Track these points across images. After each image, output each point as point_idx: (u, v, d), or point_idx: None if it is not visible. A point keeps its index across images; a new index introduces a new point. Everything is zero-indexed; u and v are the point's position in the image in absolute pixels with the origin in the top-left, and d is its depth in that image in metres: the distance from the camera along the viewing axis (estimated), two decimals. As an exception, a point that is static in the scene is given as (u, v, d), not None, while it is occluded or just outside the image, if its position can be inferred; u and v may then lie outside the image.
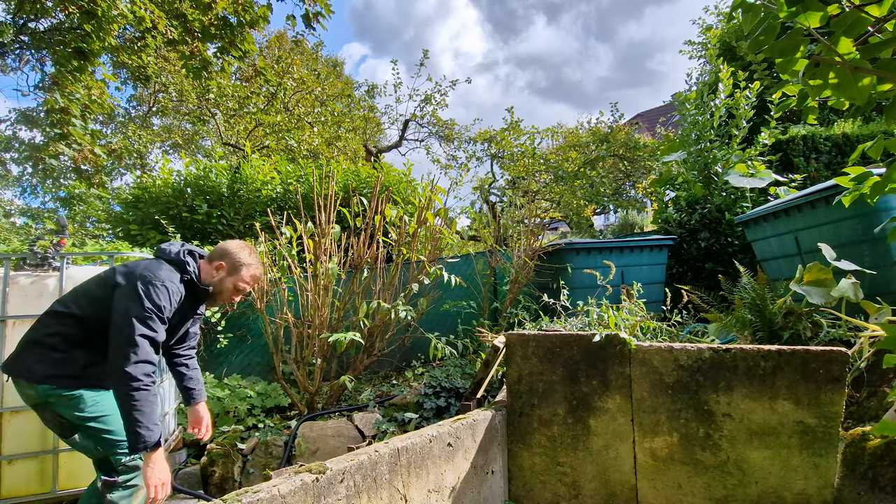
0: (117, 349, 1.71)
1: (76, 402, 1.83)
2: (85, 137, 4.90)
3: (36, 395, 1.84)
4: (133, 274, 1.85)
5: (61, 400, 1.83)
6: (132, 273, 1.86)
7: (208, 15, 4.90)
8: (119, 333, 1.73)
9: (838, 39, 1.29)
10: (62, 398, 1.83)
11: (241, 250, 2.16)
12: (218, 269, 2.10)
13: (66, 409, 1.83)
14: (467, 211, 8.23)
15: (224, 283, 2.11)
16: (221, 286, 2.11)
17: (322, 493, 1.58)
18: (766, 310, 2.71)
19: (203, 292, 2.08)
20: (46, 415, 1.89)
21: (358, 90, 15.72)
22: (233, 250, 2.14)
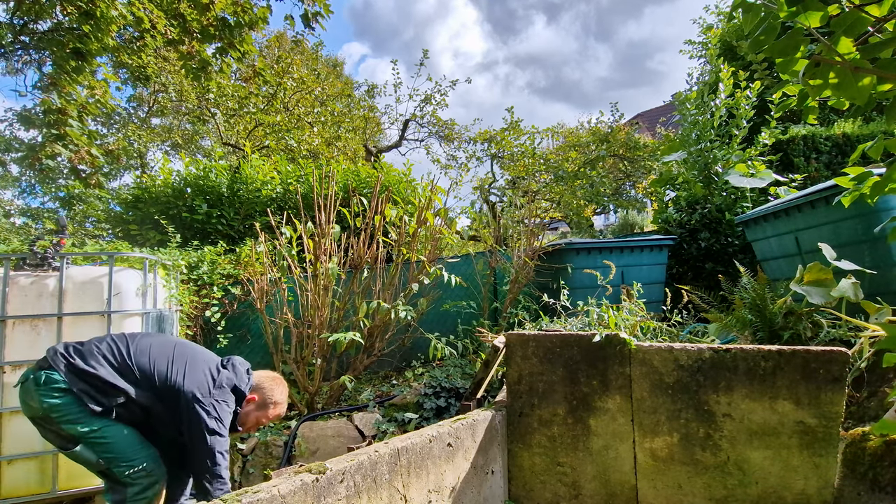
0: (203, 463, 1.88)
1: (81, 419, 1.84)
2: (82, 138, 4.89)
3: (39, 409, 1.83)
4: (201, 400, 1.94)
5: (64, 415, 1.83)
6: (201, 397, 1.94)
7: (206, 15, 4.89)
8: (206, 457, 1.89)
9: (838, 39, 1.29)
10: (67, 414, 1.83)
11: (275, 388, 2.26)
12: (248, 402, 2.17)
13: (69, 424, 1.84)
14: (467, 211, 8.24)
15: (250, 416, 2.19)
16: (247, 418, 2.18)
17: (322, 494, 1.58)
18: (766, 310, 2.71)
19: (234, 426, 2.14)
20: (49, 428, 1.89)
21: (358, 90, 15.72)
22: (267, 386, 2.23)
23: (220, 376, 2.06)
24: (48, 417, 1.83)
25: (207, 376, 2.02)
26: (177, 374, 1.96)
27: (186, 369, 1.99)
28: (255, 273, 3.96)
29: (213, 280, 4.15)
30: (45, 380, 1.83)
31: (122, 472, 1.87)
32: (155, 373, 1.94)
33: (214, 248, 4.40)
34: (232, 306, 4.20)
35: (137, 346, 1.99)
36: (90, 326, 2.61)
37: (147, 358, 1.97)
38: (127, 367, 1.92)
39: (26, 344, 2.51)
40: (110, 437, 1.87)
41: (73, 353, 1.90)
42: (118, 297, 2.68)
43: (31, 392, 1.84)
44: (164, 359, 1.99)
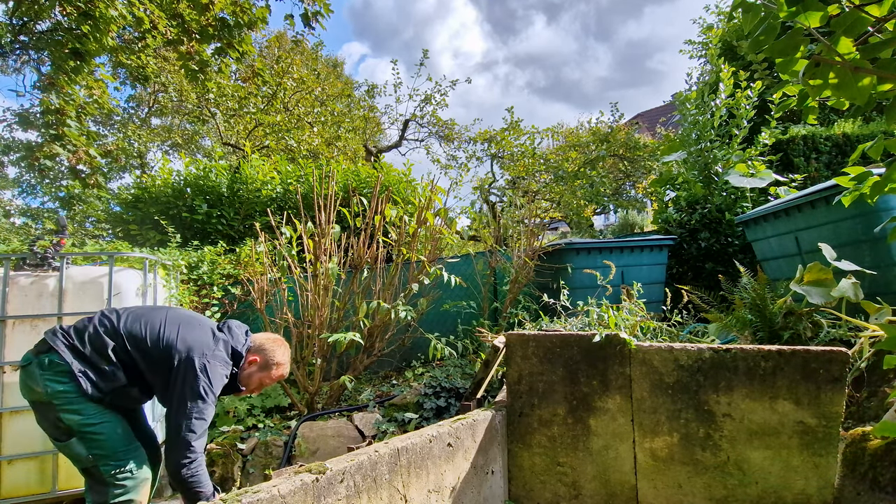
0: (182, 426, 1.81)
1: (81, 409, 1.83)
2: (80, 139, 4.89)
3: (43, 394, 1.82)
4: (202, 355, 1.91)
5: (67, 403, 1.82)
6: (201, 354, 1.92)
7: (206, 15, 4.89)
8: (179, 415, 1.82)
9: (838, 39, 1.29)
10: (70, 402, 1.82)
11: (277, 348, 2.23)
12: (251, 364, 2.14)
13: (69, 413, 1.82)
14: (467, 211, 8.24)
15: (253, 377, 2.16)
16: (249, 379, 2.16)
17: (322, 494, 1.58)
18: (766, 310, 2.71)
19: (235, 386, 2.12)
20: (47, 415, 1.88)
21: (358, 90, 15.73)
22: (269, 347, 2.20)
23: (217, 338, 2.03)
24: (50, 404, 1.82)
25: (203, 337, 1.99)
26: (170, 335, 1.93)
27: (181, 330, 1.96)
28: (255, 273, 3.96)
29: (213, 280, 4.15)
30: (49, 363, 1.82)
31: (109, 472, 1.85)
32: (147, 336, 1.92)
33: (214, 248, 4.40)
34: (232, 306, 4.20)
35: (129, 315, 1.98)
36: (90, 326, 2.61)
37: (139, 324, 1.95)
38: (119, 336, 1.90)
39: (26, 344, 2.50)
40: (104, 433, 1.86)
41: (73, 333, 1.90)
42: (118, 297, 2.68)
43: (35, 376, 1.83)
44: (158, 322, 1.97)
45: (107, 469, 1.84)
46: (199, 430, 1.84)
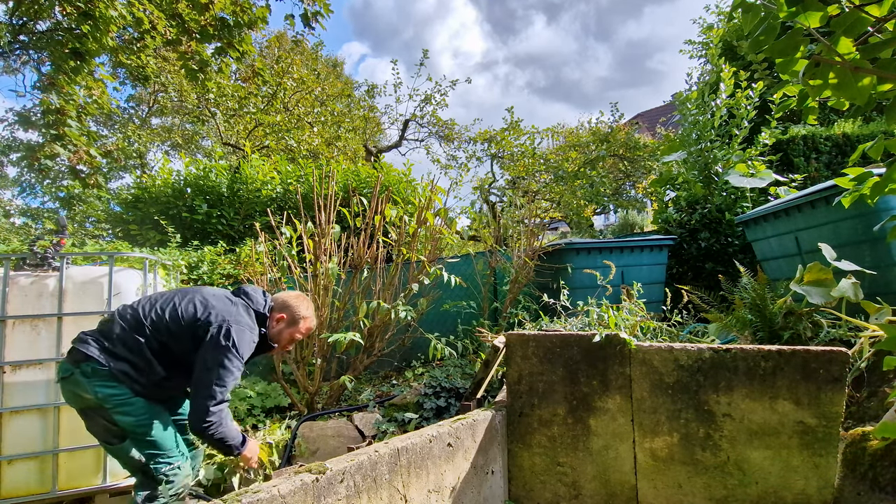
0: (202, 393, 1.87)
1: (132, 410, 1.90)
2: (81, 139, 4.89)
3: (94, 400, 1.88)
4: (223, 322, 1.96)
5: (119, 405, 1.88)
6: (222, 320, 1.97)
7: (205, 15, 4.89)
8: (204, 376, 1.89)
9: (838, 39, 1.29)
10: (122, 403, 1.88)
11: (301, 303, 2.30)
12: (279, 321, 2.23)
13: (122, 415, 1.89)
14: (467, 211, 8.24)
15: (283, 333, 2.24)
16: (280, 336, 2.24)
17: (322, 494, 1.58)
18: (766, 310, 2.71)
19: (268, 345, 2.20)
20: (99, 419, 1.95)
21: (358, 90, 15.73)
22: (293, 303, 2.27)
23: (236, 304, 2.11)
24: (101, 407, 1.89)
25: (222, 306, 2.05)
26: (191, 311, 1.99)
27: (200, 305, 2.02)
28: (255, 273, 3.96)
29: (213, 280, 4.15)
30: (92, 370, 1.87)
31: (159, 469, 1.93)
32: (169, 319, 1.97)
33: (214, 248, 4.40)
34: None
35: (146, 304, 2.04)
36: (90, 326, 2.60)
37: (158, 310, 2.00)
38: (144, 327, 1.95)
39: (26, 344, 2.51)
40: (154, 432, 1.94)
41: (102, 337, 1.95)
42: (118, 297, 2.68)
43: (82, 384, 1.87)
44: (175, 302, 2.03)
45: (158, 467, 1.94)
46: (219, 395, 1.89)
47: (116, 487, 2.58)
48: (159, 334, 1.95)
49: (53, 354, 2.53)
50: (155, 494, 1.94)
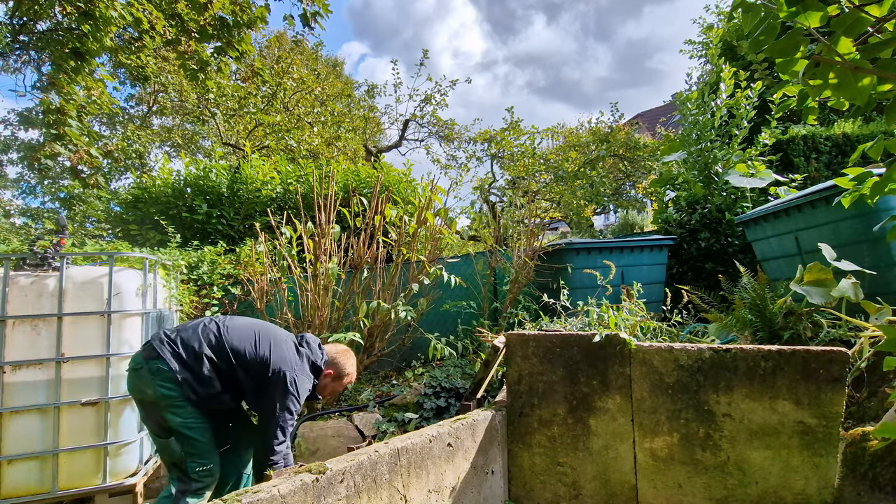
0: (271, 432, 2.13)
1: (182, 413, 2.09)
2: (81, 139, 4.89)
3: (152, 396, 2.06)
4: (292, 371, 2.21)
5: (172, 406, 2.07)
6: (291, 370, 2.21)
7: (204, 15, 4.88)
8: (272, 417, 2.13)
9: (838, 39, 1.29)
10: (174, 406, 2.07)
11: (347, 361, 2.54)
12: (326, 376, 2.46)
13: (172, 415, 2.07)
14: (467, 211, 8.23)
15: (327, 387, 2.49)
16: (324, 389, 2.49)
17: (322, 494, 1.58)
18: (766, 310, 2.71)
19: (314, 396, 2.43)
20: (153, 414, 2.12)
21: (358, 90, 15.72)
22: (340, 361, 2.51)
23: (301, 355, 2.33)
24: (157, 405, 2.07)
25: (291, 355, 2.27)
26: (265, 351, 2.20)
27: (273, 347, 2.24)
28: (255, 273, 3.96)
29: (213, 280, 4.15)
30: (158, 370, 2.05)
31: (193, 468, 2.11)
32: (246, 351, 2.18)
33: (214, 248, 4.40)
34: (232, 306, 4.19)
35: (228, 328, 2.24)
36: (90, 326, 2.61)
37: (238, 339, 2.21)
38: (223, 349, 2.16)
39: (26, 344, 2.51)
40: (198, 436, 2.11)
41: (178, 342, 2.13)
42: (118, 297, 2.68)
43: (146, 380, 2.06)
44: (254, 337, 2.24)
45: (192, 466, 2.11)
46: (282, 436, 2.14)
47: (116, 487, 2.58)
48: (233, 361, 2.16)
49: (53, 354, 2.53)
50: (186, 488, 2.11)
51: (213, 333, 2.19)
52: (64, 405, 2.52)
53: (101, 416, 2.57)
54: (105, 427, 2.57)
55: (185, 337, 2.15)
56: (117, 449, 2.61)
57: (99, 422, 2.57)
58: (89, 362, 2.59)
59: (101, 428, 2.57)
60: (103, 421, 2.57)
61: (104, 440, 2.56)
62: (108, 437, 2.57)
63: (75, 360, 2.56)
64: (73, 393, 2.54)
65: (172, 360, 2.08)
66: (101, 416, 2.57)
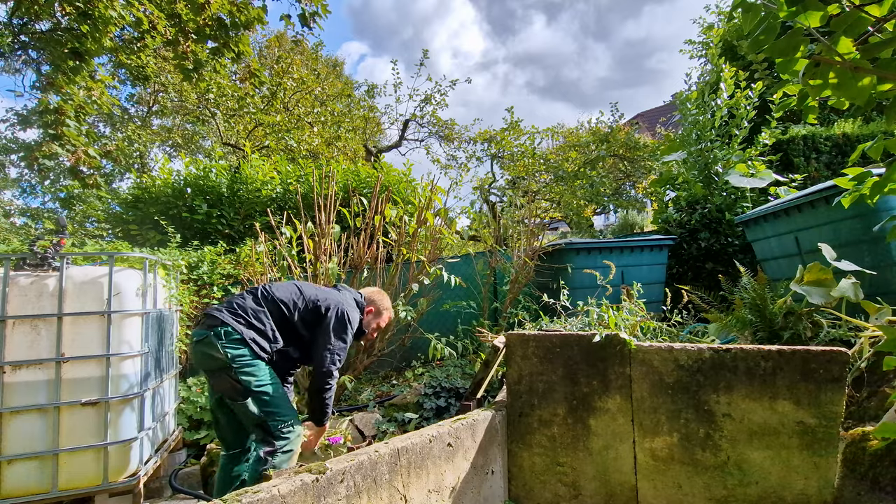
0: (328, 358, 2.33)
1: (254, 371, 2.19)
2: (80, 139, 4.88)
3: (224, 358, 2.14)
4: (339, 305, 2.43)
5: (245, 365, 2.17)
6: (338, 304, 2.43)
7: (202, 15, 4.88)
8: (326, 349, 2.34)
9: (838, 39, 1.29)
10: (247, 364, 2.18)
11: (383, 297, 2.77)
12: (369, 313, 2.67)
13: (245, 375, 2.16)
14: (467, 211, 8.22)
15: (371, 323, 2.70)
16: (369, 326, 2.69)
17: (322, 494, 1.58)
18: (766, 310, 2.71)
19: (361, 331, 2.62)
20: (225, 378, 2.19)
21: (358, 90, 15.72)
22: (377, 298, 2.74)
23: (343, 293, 2.57)
24: (230, 367, 2.15)
25: (336, 295, 2.50)
26: (315, 296, 2.42)
27: (317, 291, 2.48)
28: (255, 273, 3.96)
29: (213, 280, 4.15)
30: (225, 333, 2.17)
31: (276, 427, 2.18)
32: (297, 300, 2.39)
33: (214, 248, 4.40)
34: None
35: (275, 288, 2.43)
36: (90, 326, 2.61)
37: (287, 292, 2.41)
38: (276, 304, 2.35)
39: (26, 344, 2.51)
40: (272, 392, 2.21)
41: (236, 307, 2.29)
42: (118, 297, 2.68)
43: (215, 345, 2.15)
44: (296, 289, 2.45)
45: (275, 424, 2.18)
46: (338, 363, 2.35)
47: (116, 487, 2.58)
48: (288, 312, 2.35)
49: (53, 354, 2.53)
50: (273, 449, 2.18)
51: (262, 294, 2.38)
52: (64, 405, 2.52)
53: (102, 416, 2.57)
54: (105, 427, 2.56)
55: (238, 303, 2.30)
56: (117, 449, 2.61)
57: (99, 422, 2.57)
58: (89, 362, 2.59)
59: (102, 428, 2.57)
60: (103, 421, 2.57)
61: (104, 440, 2.56)
62: (108, 437, 2.57)
63: (75, 360, 2.56)
64: (73, 393, 2.54)
65: (235, 322, 2.21)
66: (102, 416, 2.57)
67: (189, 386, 3.80)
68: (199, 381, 3.91)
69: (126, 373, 2.68)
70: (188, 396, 3.70)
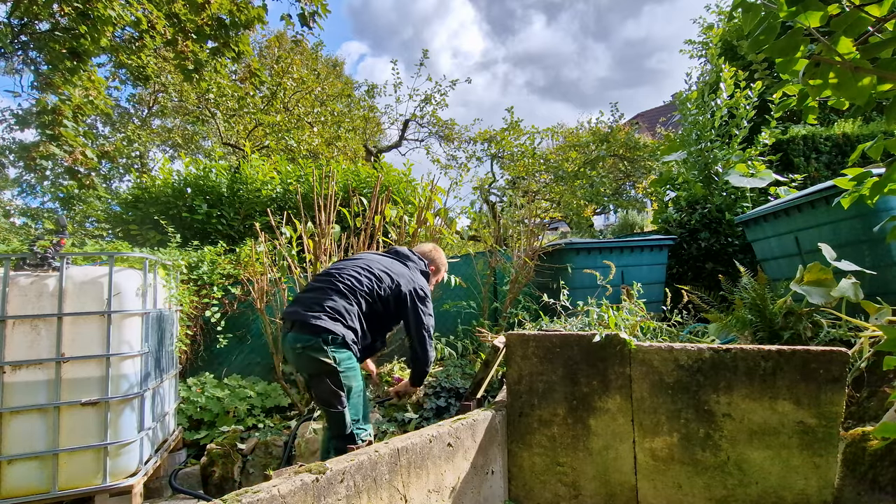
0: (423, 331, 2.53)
1: (356, 375, 2.34)
2: (77, 139, 4.88)
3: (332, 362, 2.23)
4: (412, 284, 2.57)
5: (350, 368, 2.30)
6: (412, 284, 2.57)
7: (201, 15, 4.87)
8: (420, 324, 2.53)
9: (838, 39, 1.29)
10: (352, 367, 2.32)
11: (440, 253, 2.96)
12: (432, 273, 2.85)
13: (350, 378, 2.29)
14: (467, 211, 8.22)
15: (431, 279, 2.85)
16: (429, 282, 2.81)
17: (322, 494, 1.58)
18: (766, 310, 2.71)
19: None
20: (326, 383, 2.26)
21: (358, 90, 15.71)
22: (436, 256, 2.91)
23: (410, 266, 2.69)
24: (336, 370, 2.23)
25: (405, 270, 2.63)
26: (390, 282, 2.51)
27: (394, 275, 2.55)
28: (255, 273, 3.96)
29: (213, 280, 4.15)
30: (332, 339, 2.25)
31: (360, 435, 2.33)
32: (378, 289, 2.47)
33: (214, 248, 4.40)
34: (232, 306, 4.20)
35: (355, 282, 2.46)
36: (90, 326, 2.61)
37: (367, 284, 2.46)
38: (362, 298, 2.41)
39: (26, 344, 2.51)
40: (361, 396, 2.39)
41: (331, 309, 2.32)
42: (118, 297, 2.68)
43: (325, 350, 2.23)
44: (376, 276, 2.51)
45: (359, 433, 2.33)
46: (431, 333, 2.58)
47: (116, 487, 2.58)
48: (376, 304, 2.45)
49: (53, 354, 2.53)
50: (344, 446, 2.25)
51: (349, 289, 2.41)
52: (64, 405, 2.52)
53: (101, 416, 2.57)
54: (105, 427, 2.56)
55: (331, 305, 2.33)
56: (117, 449, 2.61)
57: (99, 422, 2.57)
58: (89, 362, 2.59)
59: (102, 428, 2.57)
60: (103, 421, 2.57)
61: (104, 440, 2.56)
62: (108, 437, 2.57)
63: (75, 360, 2.56)
64: (73, 393, 2.54)
65: (337, 325, 2.28)
66: (102, 416, 2.57)
67: (189, 386, 3.80)
68: (199, 381, 3.91)
69: (126, 373, 2.68)
70: (188, 396, 3.70)
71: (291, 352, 2.32)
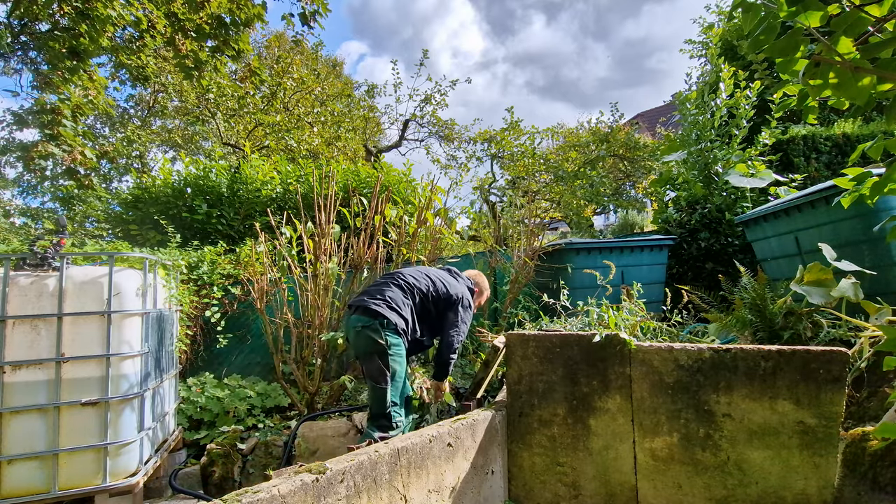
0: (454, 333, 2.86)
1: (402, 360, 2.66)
2: (76, 139, 4.88)
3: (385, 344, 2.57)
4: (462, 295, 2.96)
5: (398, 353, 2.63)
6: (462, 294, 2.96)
7: (200, 13, 4.87)
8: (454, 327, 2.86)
9: (838, 39, 1.29)
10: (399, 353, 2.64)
11: (484, 279, 3.35)
12: (476, 295, 3.17)
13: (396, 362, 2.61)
14: (467, 211, 8.22)
15: (475, 300, 3.15)
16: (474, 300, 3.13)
17: (322, 494, 1.58)
18: (766, 310, 2.71)
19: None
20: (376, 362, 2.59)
21: (358, 90, 15.70)
22: (480, 281, 3.30)
23: (461, 283, 3.05)
24: (386, 352, 2.57)
25: (458, 285, 2.99)
26: (444, 289, 2.89)
27: (448, 284, 2.94)
28: (255, 273, 3.96)
29: (213, 280, 4.15)
30: (387, 323, 2.60)
31: (395, 417, 2.58)
32: (434, 292, 2.87)
33: (214, 248, 4.40)
34: (232, 306, 4.19)
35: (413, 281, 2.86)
36: (90, 326, 2.61)
37: (423, 285, 2.86)
38: (417, 296, 2.81)
39: (26, 344, 2.51)
40: (405, 385, 2.71)
41: (390, 300, 2.69)
42: (118, 297, 2.68)
43: (380, 332, 2.59)
44: (432, 281, 2.90)
45: (396, 415, 2.59)
46: (462, 339, 2.91)
47: (116, 487, 2.58)
48: (428, 304, 2.84)
49: (53, 354, 2.53)
50: (387, 435, 2.47)
51: (406, 286, 2.80)
52: (64, 405, 2.51)
53: (102, 416, 2.57)
54: (105, 427, 2.56)
55: (391, 296, 2.70)
56: (117, 449, 2.61)
57: (99, 422, 2.57)
58: (89, 362, 2.59)
59: (102, 428, 2.56)
60: (103, 421, 2.56)
61: (104, 440, 2.55)
62: (108, 437, 2.56)
63: (75, 360, 2.56)
64: (73, 393, 2.54)
65: (392, 314, 2.62)
66: (102, 416, 2.57)
67: (189, 386, 3.80)
68: (199, 381, 3.91)
69: (126, 373, 2.67)
70: (188, 396, 3.70)
71: (352, 331, 2.68)
